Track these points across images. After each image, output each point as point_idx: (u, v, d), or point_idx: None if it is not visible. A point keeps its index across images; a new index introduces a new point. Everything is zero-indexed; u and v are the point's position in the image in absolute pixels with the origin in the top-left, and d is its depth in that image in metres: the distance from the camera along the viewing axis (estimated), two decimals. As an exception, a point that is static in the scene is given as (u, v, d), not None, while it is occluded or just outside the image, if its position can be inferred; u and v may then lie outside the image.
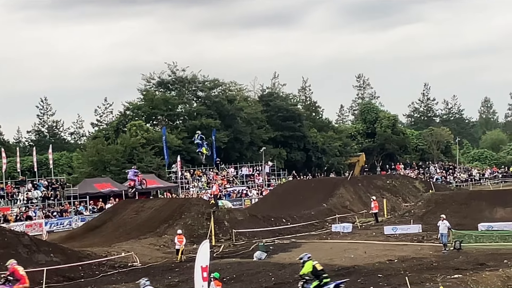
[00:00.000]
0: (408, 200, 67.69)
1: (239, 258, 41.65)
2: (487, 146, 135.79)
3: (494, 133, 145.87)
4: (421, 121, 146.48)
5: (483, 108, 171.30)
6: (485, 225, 46.82)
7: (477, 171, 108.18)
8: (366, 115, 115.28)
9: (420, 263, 35.76)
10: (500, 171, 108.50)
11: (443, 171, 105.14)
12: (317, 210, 60.72)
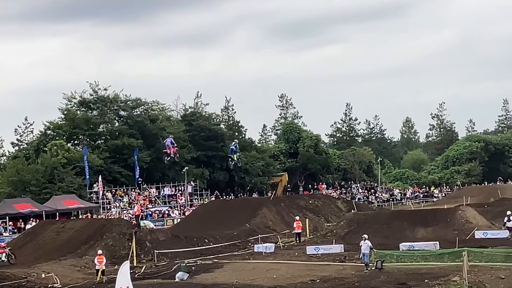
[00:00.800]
0: (330, 220, 67.90)
1: (160, 279, 41.11)
2: (409, 166, 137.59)
3: (415, 153, 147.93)
4: (344, 141, 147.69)
5: (405, 128, 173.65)
6: (407, 244, 47.19)
7: (398, 191, 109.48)
8: (288, 134, 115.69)
9: (342, 283, 35.80)
10: (421, 191, 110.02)
11: (365, 191, 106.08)
12: (240, 230, 60.44)
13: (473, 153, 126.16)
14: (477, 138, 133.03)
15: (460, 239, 48.40)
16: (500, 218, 63.98)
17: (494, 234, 52.51)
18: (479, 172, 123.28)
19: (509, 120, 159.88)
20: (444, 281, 34.14)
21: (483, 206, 71.61)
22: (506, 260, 39.28)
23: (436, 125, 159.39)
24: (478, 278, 34.87)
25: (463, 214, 58.63)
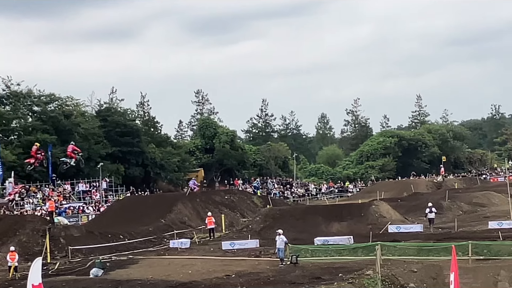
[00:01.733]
0: (246, 215, 68.06)
1: (75, 275, 40.48)
2: (324, 161, 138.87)
3: (330, 149, 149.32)
4: (260, 137, 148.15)
5: (320, 124, 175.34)
6: (321, 239, 47.51)
7: (313, 186, 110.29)
8: (204, 130, 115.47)
9: (257, 278, 35.81)
10: (336, 186, 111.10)
11: (281, 186, 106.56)
12: (155, 226, 60.15)
13: (387, 148, 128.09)
14: (391, 134, 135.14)
15: (374, 233, 48.97)
16: (413, 212, 65.37)
17: (407, 228, 53.31)
18: (393, 167, 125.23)
19: (422, 116, 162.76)
20: (358, 275, 34.44)
21: (396, 201, 72.79)
22: (419, 253, 39.92)
23: (351, 121, 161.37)
24: (391, 272, 35.30)
25: (377, 208, 59.48)
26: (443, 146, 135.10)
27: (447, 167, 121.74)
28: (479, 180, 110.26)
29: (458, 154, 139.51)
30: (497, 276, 34.62)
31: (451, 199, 70.16)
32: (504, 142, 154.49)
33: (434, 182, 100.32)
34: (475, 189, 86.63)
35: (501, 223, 51.45)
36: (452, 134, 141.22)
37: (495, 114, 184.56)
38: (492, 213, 62.49)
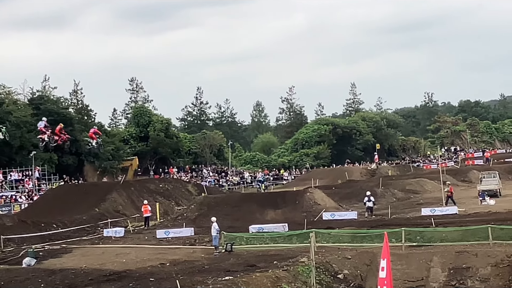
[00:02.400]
0: (181, 204, 67.82)
1: (7, 265, 39.94)
2: (259, 149, 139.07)
3: (265, 136, 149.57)
4: (195, 125, 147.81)
5: (255, 112, 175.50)
6: (256, 227, 47.52)
7: (248, 174, 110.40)
8: (139, 118, 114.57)
9: (192, 266, 35.72)
10: (271, 174, 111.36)
11: (216, 174, 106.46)
12: (89, 215, 59.58)
13: (322, 136, 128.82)
14: (325, 122, 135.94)
15: (308, 221, 49.21)
16: (347, 199, 65.93)
17: (341, 215, 53.65)
18: (328, 154, 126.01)
19: (357, 104, 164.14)
20: (293, 262, 34.57)
21: (331, 188, 73.24)
22: (353, 240, 40.20)
23: (286, 108, 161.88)
24: (325, 259, 35.52)
25: (312, 196, 59.73)
26: (377, 134, 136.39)
27: (381, 155, 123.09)
28: (413, 167, 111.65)
29: (392, 141, 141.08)
30: (429, 262, 35.05)
31: (384, 186, 70.86)
32: (437, 129, 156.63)
33: (368, 170, 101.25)
34: (408, 176, 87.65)
35: (433, 209, 52.10)
36: (386, 122, 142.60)
37: (428, 102, 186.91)
38: (425, 200, 63.30)
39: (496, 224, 38.77)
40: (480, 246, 35.84)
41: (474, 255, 34.65)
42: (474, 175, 79.79)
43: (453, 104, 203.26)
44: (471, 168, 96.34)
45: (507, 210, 50.22)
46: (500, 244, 35.75)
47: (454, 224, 42.01)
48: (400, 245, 37.45)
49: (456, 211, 51.19)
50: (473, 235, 37.42)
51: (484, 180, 65.36)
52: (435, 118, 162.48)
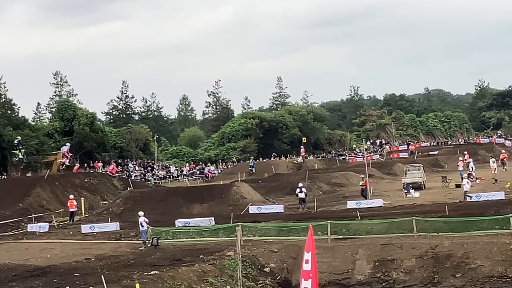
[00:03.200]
0: (106, 198, 67.23)
1: None
2: (185, 143, 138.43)
3: (192, 130, 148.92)
4: (120, 119, 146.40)
5: (181, 106, 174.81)
6: (182, 221, 47.42)
7: (175, 168, 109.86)
8: (63, 113, 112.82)
9: (117, 261, 35.45)
10: (197, 168, 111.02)
11: (142, 169, 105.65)
12: (13, 210, 58.61)
13: (248, 130, 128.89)
14: (252, 115, 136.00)
15: (235, 215, 49.20)
16: (274, 193, 66.19)
17: (268, 208, 53.84)
18: (254, 148, 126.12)
19: (283, 97, 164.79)
20: (219, 256, 34.56)
21: (257, 182, 73.34)
22: (279, 234, 40.32)
23: (213, 102, 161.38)
24: (252, 252, 35.58)
25: (238, 189, 59.75)
26: (304, 127, 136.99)
27: (307, 148, 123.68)
28: (339, 160, 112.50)
29: (318, 135, 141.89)
30: (355, 254, 35.36)
31: (311, 179, 71.22)
32: (363, 123, 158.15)
33: (295, 163, 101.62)
34: (334, 169, 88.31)
35: (359, 202, 52.58)
36: (312, 116, 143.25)
37: (354, 96, 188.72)
38: (351, 193, 63.82)
39: (420, 216, 39.29)
40: (405, 238, 36.26)
41: (399, 247, 35.06)
42: (399, 168, 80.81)
43: (379, 98, 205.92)
44: (396, 161, 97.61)
45: (431, 203, 51.01)
46: (424, 236, 36.22)
47: (379, 217, 42.46)
48: (326, 238, 37.69)
49: (381, 204, 51.76)
50: (398, 227, 37.85)
51: (408, 173, 66.20)
52: (360, 112, 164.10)
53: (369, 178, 61.98)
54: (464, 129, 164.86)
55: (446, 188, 62.84)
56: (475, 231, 35.66)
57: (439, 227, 37.03)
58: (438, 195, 57.16)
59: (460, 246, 33.80)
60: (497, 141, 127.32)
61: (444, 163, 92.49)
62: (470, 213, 40.49)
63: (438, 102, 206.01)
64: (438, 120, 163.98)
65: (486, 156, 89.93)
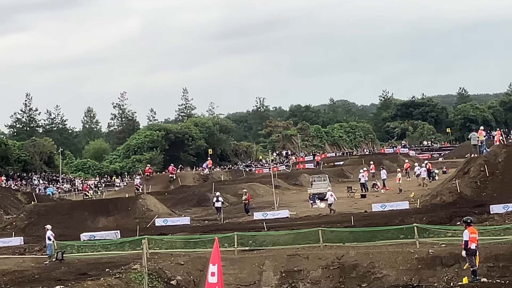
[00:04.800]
0: (10, 213, 65.86)
1: None
2: (90, 156, 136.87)
3: (97, 143, 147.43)
4: (24, 132, 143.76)
5: (87, 118, 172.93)
6: (88, 234, 46.78)
7: (80, 181, 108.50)
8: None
9: (21, 276, 34.77)
10: (103, 180, 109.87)
11: (46, 182, 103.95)
12: None
13: (154, 141, 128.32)
14: (158, 127, 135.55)
15: (141, 227, 48.74)
16: (180, 205, 65.94)
17: (174, 221, 53.67)
18: (160, 160, 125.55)
19: (189, 109, 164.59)
20: (125, 270, 34.20)
21: (163, 194, 72.94)
22: (185, 246, 40.12)
23: (118, 114, 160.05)
24: (158, 265, 35.30)
25: (144, 202, 59.39)
26: (210, 139, 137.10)
27: (214, 159, 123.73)
28: (245, 171, 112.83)
29: (224, 146, 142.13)
30: (262, 266, 35.41)
31: (217, 191, 71.15)
32: (269, 134, 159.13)
33: (201, 175, 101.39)
34: (241, 180, 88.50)
35: (265, 213, 52.79)
36: (218, 127, 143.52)
37: (259, 107, 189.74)
38: (258, 204, 63.98)
39: (326, 226, 39.64)
40: (311, 249, 36.49)
41: (306, 258, 35.25)
42: (305, 179, 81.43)
43: (284, 109, 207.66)
44: (302, 171, 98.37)
45: (337, 213, 51.56)
46: (330, 247, 36.52)
47: (286, 228, 42.70)
48: (232, 250, 37.66)
49: (287, 215, 52.08)
50: (304, 238, 38.09)
51: (314, 183, 66.77)
52: (266, 123, 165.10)
53: (275, 189, 62.41)
54: (369, 139, 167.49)
55: (351, 198, 63.67)
56: (380, 241, 36.13)
57: (345, 237, 37.40)
58: (344, 205, 57.84)
59: (365, 256, 34.19)
60: (401, 151, 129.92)
61: (349, 173, 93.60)
62: (375, 223, 41.10)
63: (343, 112, 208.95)
64: (343, 130, 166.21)
65: (391, 166, 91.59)
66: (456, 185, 50.84)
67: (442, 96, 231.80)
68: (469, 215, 33.66)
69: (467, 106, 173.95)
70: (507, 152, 53.59)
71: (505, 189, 48.89)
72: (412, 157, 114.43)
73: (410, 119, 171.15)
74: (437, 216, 41.81)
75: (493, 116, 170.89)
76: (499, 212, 40.42)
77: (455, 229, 34.27)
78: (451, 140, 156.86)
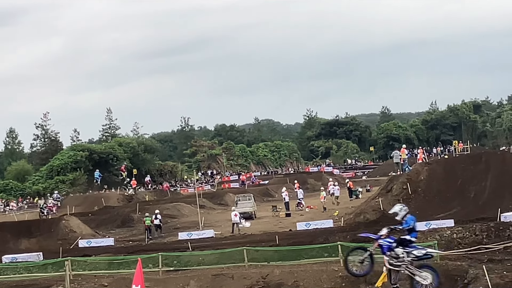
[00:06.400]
0: None
1: None
2: (12, 177, 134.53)
3: (19, 164, 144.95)
4: None
5: (8, 139, 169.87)
6: (9, 257, 45.90)
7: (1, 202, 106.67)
8: None
9: None
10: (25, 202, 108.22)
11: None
12: None
13: (78, 162, 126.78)
14: (81, 147, 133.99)
15: (64, 249, 48.10)
16: (104, 226, 65.30)
17: (98, 242, 53.06)
18: (84, 181, 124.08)
19: (113, 129, 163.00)
20: (47, 292, 33.68)
21: (87, 215, 72.05)
22: (109, 267, 39.68)
23: (41, 135, 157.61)
24: (81, 287, 34.84)
25: (67, 223, 58.69)
26: (135, 159, 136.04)
27: (139, 180, 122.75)
28: (170, 191, 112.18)
29: (149, 166, 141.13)
30: (186, 286, 35.26)
31: (142, 211, 70.54)
32: (194, 153, 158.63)
33: (125, 195, 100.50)
34: (165, 200, 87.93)
35: (190, 233, 52.64)
36: (143, 147, 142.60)
37: (184, 127, 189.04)
38: (182, 224, 63.77)
39: (251, 246, 39.65)
40: (236, 269, 36.45)
41: (230, 278, 35.20)
42: (230, 198, 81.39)
43: (210, 128, 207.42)
44: (227, 191, 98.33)
45: (262, 232, 51.72)
46: (255, 266, 36.53)
47: (211, 248, 42.62)
48: (157, 270, 37.39)
49: (212, 235, 52.01)
50: (229, 257, 38.03)
51: (239, 202, 66.81)
52: (191, 143, 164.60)
53: (200, 208, 62.20)
54: (293, 158, 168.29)
55: (276, 217, 63.86)
56: (305, 260, 36.30)
57: (269, 256, 37.47)
58: (269, 224, 58.03)
59: (290, 274, 34.27)
60: (326, 169, 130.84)
61: (274, 192, 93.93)
62: (300, 241, 41.26)
63: (268, 131, 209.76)
64: (268, 149, 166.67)
65: (315, 184, 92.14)
66: (380, 203, 51.42)
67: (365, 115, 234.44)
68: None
69: (390, 124, 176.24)
70: (429, 170, 54.53)
71: (427, 206, 49.68)
72: (336, 176, 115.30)
73: (334, 138, 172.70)
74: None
75: (415, 134, 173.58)
76: (422, 230, 40.87)
77: (378, 247, 34.56)
78: (374, 159, 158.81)
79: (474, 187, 51.38)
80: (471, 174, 52.98)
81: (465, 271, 31.65)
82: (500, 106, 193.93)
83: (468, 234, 37.70)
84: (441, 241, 36.91)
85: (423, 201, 51.31)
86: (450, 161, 61.90)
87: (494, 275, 30.58)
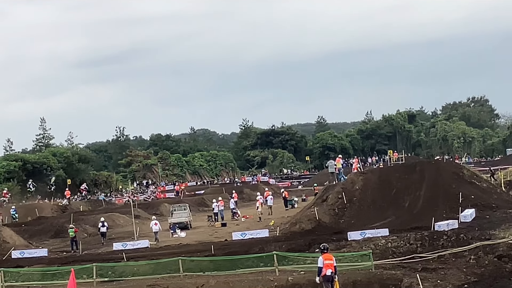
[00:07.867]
0: None
1: None
2: None
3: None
4: None
5: None
6: None
7: None
8: None
9: None
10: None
11: None
12: None
13: (11, 172, 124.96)
14: (14, 158, 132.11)
15: (-2, 260, 47.39)
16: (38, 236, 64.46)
17: (31, 253, 52.34)
18: (18, 191, 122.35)
19: (47, 139, 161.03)
20: (-21, 305, 33.06)
21: (20, 226, 71.05)
22: (43, 278, 39.18)
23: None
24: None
25: (0, 234, 57.69)
26: (69, 169, 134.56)
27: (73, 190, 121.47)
28: (105, 202, 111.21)
29: (83, 176, 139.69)
30: (120, 296, 34.96)
31: (76, 222, 69.74)
32: (129, 163, 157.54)
33: (60, 206, 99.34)
34: (100, 211, 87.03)
35: (125, 244, 52.32)
36: (77, 157, 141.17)
37: (120, 136, 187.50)
38: (117, 235, 63.31)
39: (187, 256, 39.56)
40: (172, 279, 36.30)
41: (165, 288, 35.01)
42: (166, 208, 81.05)
43: (145, 138, 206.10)
44: (163, 201, 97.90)
45: (197, 242, 51.56)
46: (190, 276, 36.43)
47: (146, 258, 42.35)
48: (91, 281, 37.02)
49: (147, 245, 51.70)
50: (165, 267, 37.85)
51: (175, 212, 66.62)
52: (126, 152, 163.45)
53: (135, 219, 61.80)
54: (229, 168, 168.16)
55: (212, 227, 63.79)
56: (241, 269, 36.31)
57: (205, 266, 37.38)
58: (205, 234, 57.93)
59: (226, 284, 34.22)
60: (262, 179, 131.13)
61: (210, 202, 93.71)
62: (236, 251, 41.28)
63: (204, 141, 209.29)
64: (204, 159, 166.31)
65: (252, 194, 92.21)
66: (315, 212, 51.68)
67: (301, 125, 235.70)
68: (327, 242, 34.11)
69: (326, 134, 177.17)
70: (364, 179, 55.00)
71: (362, 216, 50.14)
72: (272, 185, 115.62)
73: (270, 147, 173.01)
74: (296, 244, 42.23)
75: (350, 144, 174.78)
76: (356, 239, 41.18)
77: (313, 256, 34.65)
78: (310, 168, 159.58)
79: (408, 197, 51.94)
80: (405, 183, 53.54)
81: (400, 280, 31.96)
82: (434, 116, 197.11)
83: (403, 243, 38.03)
84: (376, 250, 37.17)
85: (358, 211, 51.74)
86: (385, 170, 62.43)
87: (428, 283, 30.99)
